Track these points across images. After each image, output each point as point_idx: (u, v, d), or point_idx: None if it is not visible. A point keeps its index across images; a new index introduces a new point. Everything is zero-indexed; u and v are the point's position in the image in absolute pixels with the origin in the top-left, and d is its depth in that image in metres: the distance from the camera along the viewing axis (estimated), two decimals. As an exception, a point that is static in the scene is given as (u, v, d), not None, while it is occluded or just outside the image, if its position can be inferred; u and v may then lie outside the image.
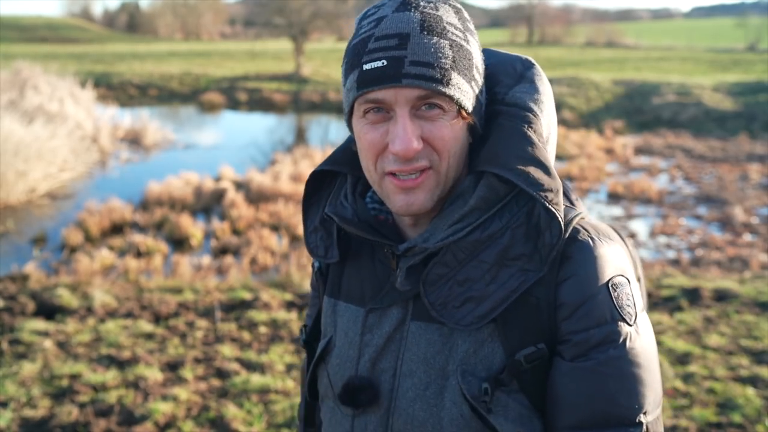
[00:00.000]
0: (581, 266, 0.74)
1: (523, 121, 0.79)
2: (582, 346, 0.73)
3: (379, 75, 0.72)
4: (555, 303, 0.74)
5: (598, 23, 50.36)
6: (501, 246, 0.75)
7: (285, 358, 3.57)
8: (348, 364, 0.84)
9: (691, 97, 15.65)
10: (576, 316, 0.73)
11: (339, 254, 0.85)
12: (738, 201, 7.82)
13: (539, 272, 0.74)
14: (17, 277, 4.94)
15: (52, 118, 10.21)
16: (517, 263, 0.74)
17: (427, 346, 0.78)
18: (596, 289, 0.74)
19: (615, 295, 0.74)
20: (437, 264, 0.76)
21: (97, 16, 64.04)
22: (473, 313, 0.74)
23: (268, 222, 6.73)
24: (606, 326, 0.73)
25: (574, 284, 0.74)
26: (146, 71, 21.97)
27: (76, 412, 2.96)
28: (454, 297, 0.75)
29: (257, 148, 11.20)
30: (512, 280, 0.74)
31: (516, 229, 0.75)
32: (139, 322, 4.02)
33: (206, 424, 2.91)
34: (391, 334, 0.80)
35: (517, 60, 0.87)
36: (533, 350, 0.74)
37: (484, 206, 0.76)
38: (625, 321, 0.74)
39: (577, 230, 0.77)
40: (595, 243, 0.76)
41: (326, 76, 21.12)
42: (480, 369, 0.75)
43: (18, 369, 3.38)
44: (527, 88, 0.82)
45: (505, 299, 0.73)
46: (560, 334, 0.75)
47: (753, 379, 3.26)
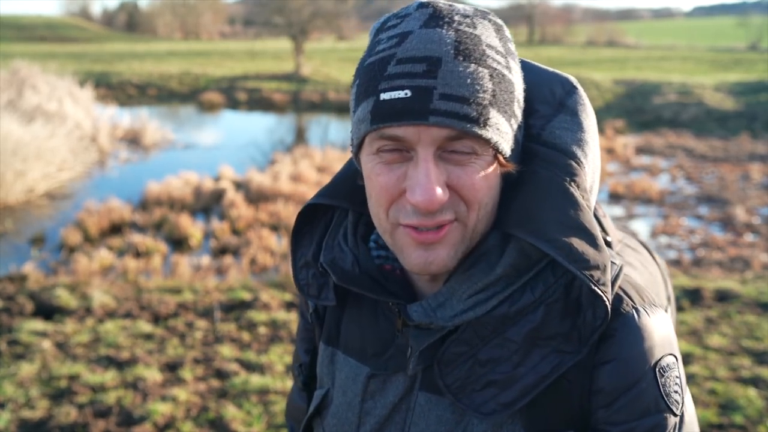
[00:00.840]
0: (625, 348, 0.64)
1: (564, 173, 0.65)
2: None
3: (401, 109, 0.59)
4: (591, 388, 0.64)
5: (598, 23, 50.37)
6: (533, 323, 0.63)
7: (284, 358, 3.56)
8: (347, 428, 0.75)
9: (692, 96, 15.64)
10: (616, 406, 0.64)
11: (335, 298, 0.74)
12: (739, 201, 7.81)
13: (577, 354, 0.63)
14: (16, 278, 4.92)
15: (51, 118, 10.20)
16: (552, 344, 0.63)
17: (438, 424, 0.68)
18: (641, 375, 0.64)
19: (662, 382, 0.64)
20: (455, 341, 0.65)
21: (96, 15, 64.05)
22: (496, 399, 0.63)
23: (267, 222, 6.71)
24: (651, 418, 0.64)
25: (615, 369, 0.64)
26: (145, 71, 21.96)
27: (75, 412, 2.95)
28: (475, 379, 0.64)
29: (257, 148, 11.18)
30: (544, 364, 0.63)
31: (552, 304, 0.63)
32: (138, 323, 4.01)
33: (205, 425, 2.90)
34: (396, 404, 0.71)
35: (556, 81, 0.71)
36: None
37: (513, 274, 0.64)
38: (672, 411, 0.65)
39: (620, 300, 0.65)
40: (640, 316, 0.65)
41: (326, 76, 21.11)
42: None
43: (16, 370, 3.36)
44: (569, 123, 0.68)
45: (535, 386, 0.63)
46: (595, 422, 0.65)
47: (754, 380, 3.25)
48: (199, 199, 7.48)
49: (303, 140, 13.10)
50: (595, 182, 0.71)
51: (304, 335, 0.88)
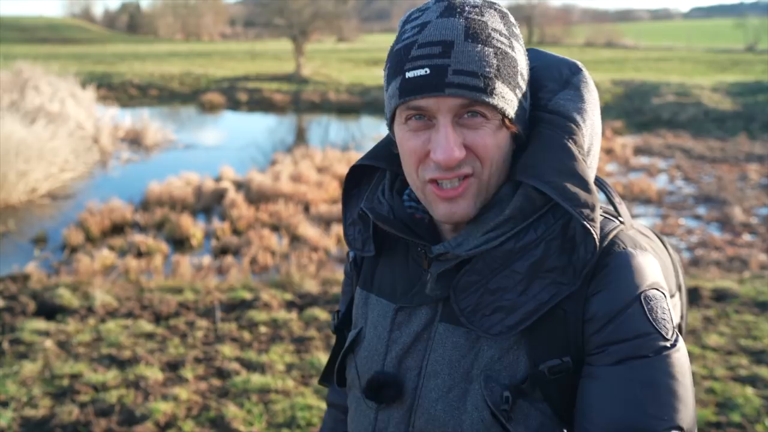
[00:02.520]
0: (613, 279, 0.73)
1: (564, 132, 0.77)
2: (617, 355, 0.72)
3: (422, 83, 0.71)
4: (583, 317, 0.73)
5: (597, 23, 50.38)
6: (535, 257, 0.74)
7: (285, 358, 3.58)
8: (375, 358, 0.85)
9: (690, 97, 15.66)
10: (607, 329, 0.72)
11: (375, 249, 0.86)
12: (737, 201, 7.83)
13: (572, 286, 0.72)
14: (18, 277, 4.95)
15: (53, 119, 10.22)
16: (551, 276, 0.73)
17: (453, 349, 0.78)
18: (628, 301, 0.72)
19: (648, 308, 0.72)
20: (469, 271, 0.76)
21: (98, 16, 64.06)
22: (503, 322, 0.73)
23: (268, 222, 6.74)
24: (641, 338, 0.72)
25: (604, 297, 0.73)
26: (147, 71, 21.98)
27: (77, 411, 2.97)
28: (485, 305, 0.74)
29: (257, 149, 11.21)
30: (544, 293, 0.73)
31: (551, 241, 0.74)
32: (139, 322, 4.03)
33: (206, 424, 2.92)
34: (419, 333, 0.81)
35: (564, 64, 0.84)
36: (558, 363, 0.73)
37: (520, 216, 0.75)
38: (661, 334, 0.72)
39: (614, 242, 0.76)
40: (628, 255, 0.75)
41: (326, 77, 21.13)
42: (503, 376, 0.75)
43: (19, 369, 3.39)
44: (572, 96, 0.80)
45: (536, 311, 0.73)
46: (591, 347, 0.73)
47: (752, 379, 3.27)
48: (200, 199, 7.50)
49: (303, 141, 13.12)
50: (594, 146, 0.81)
51: (345, 289, 1.02)
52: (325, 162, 9.36)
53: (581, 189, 0.73)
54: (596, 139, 0.82)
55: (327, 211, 7.08)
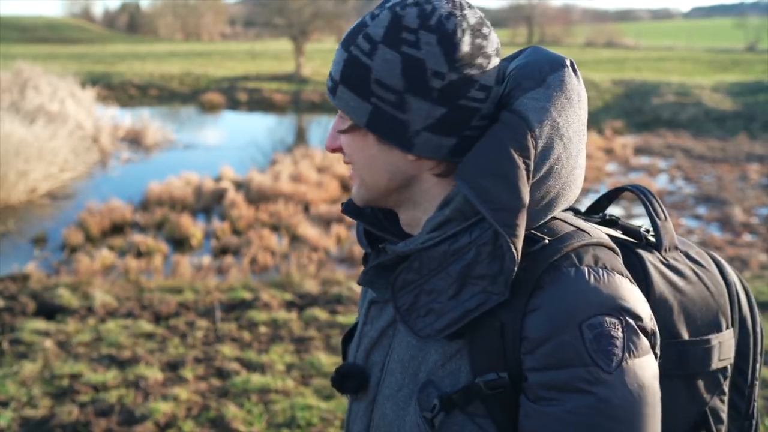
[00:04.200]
0: (552, 300, 0.67)
1: (511, 132, 0.70)
2: (542, 389, 0.66)
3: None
4: (520, 333, 0.68)
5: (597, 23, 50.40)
6: (465, 262, 0.70)
7: (285, 358, 3.58)
8: (353, 350, 0.87)
9: (690, 97, 15.66)
10: (538, 353, 0.66)
11: (368, 245, 0.86)
12: (737, 201, 7.83)
13: (501, 297, 0.68)
14: (18, 277, 4.95)
15: (53, 119, 10.22)
16: (481, 283, 0.69)
17: (407, 349, 0.78)
18: (564, 328, 0.65)
19: (589, 337, 0.65)
20: (406, 269, 0.74)
21: (98, 16, 64.04)
22: (432, 325, 0.71)
23: (268, 222, 6.74)
24: (572, 369, 0.64)
25: (539, 318, 0.67)
26: (146, 71, 21.98)
27: (77, 411, 2.97)
28: (420, 305, 0.73)
29: (257, 149, 11.21)
30: (472, 300, 0.69)
31: (481, 246, 0.69)
32: (139, 322, 4.03)
33: (206, 424, 2.92)
34: (384, 329, 0.82)
35: (547, 61, 0.76)
36: (494, 377, 0.69)
37: (460, 217, 0.71)
38: (599, 366, 0.64)
39: (567, 257, 0.69)
40: (577, 274, 0.67)
41: (326, 77, 21.03)
42: (446, 384, 0.72)
43: (18, 369, 3.39)
44: (539, 95, 0.73)
45: (461, 318, 0.69)
46: (523, 368, 0.68)
47: (751, 379, 3.26)
48: (199, 199, 7.50)
49: (303, 141, 13.11)
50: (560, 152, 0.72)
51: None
52: (325, 162, 9.36)
53: (505, 192, 0.68)
54: (566, 145, 0.73)
55: (327, 211, 7.08)
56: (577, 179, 0.76)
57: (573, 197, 0.76)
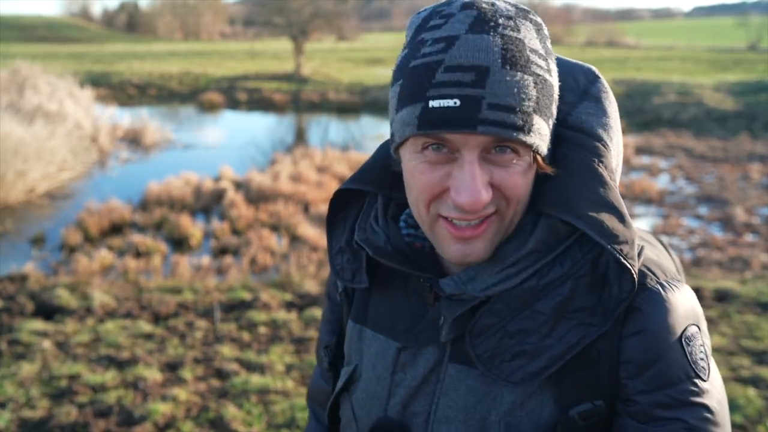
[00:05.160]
0: (651, 320, 0.66)
1: (592, 155, 0.68)
2: (656, 409, 0.66)
3: (450, 117, 0.61)
4: (618, 358, 0.67)
5: (598, 23, 50.43)
6: (561, 296, 0.66)
7: (285, 358, 3.56)
8: (376, 401, 0.78)
9: (691, 96, 15.65)
10: (646, 376, 0.66)
11: (368, 280, 0.78)
12: (739, 201, 7.81)
13: (602, 327, 0.66)
14: (16, 277, 4.93)
15: (52, 118, 10.20)
16: (578, 316, 0.66)
17: (468, 394, 0.71)
18: (668, 345, 0.66)
19: (689, 350, 0.67)
20: (486, 313, 0.68)
21: (97, 15, 64.05)
22: (525, 369, 0.66)
23: (267, 222, 6.72)
24: (681, 385, 0.66)
25: (643, 341, 0.66)
26: (145, 71, 21.96)
27: (75, 412, 2.95)
28: (504, 350, 0.67)
29: (257, 148, 11.20)
30: (571, 335, 0.66)
31: (579, 278, 0.67)
32: (138, 323, 4.01)
33: (206, 425, 2.90)
34: (426, 375, 0.73)
35: (579, 70, 0.75)
36: (590, 407, 0.67)
37: (543, 250, 0.67)
38: (701, 377, 0.67)
39: (644, 275, 0.69)
40: (665, 291, 0.68)
41: (326, 76, 21.11)
42: (525, 423, 0.69)
43: (17, 369, 3.37)
44: (594, 109, 0.71)
45: (563, 356, 0.66)
46: (625, 392, 0.68)
47: (754, 380, 3.25)
48: (199, 199, 7.48)
49: (303, 140, 13.10)
50: (619, 164, 0.74)
51: (330, 317, 0.91)
52: (324, 162, 9.34)
53: (618, 222, 0.65)
54: (620, 158, 0.75)
55: (327, 211, 7.06)
56: None
57: None
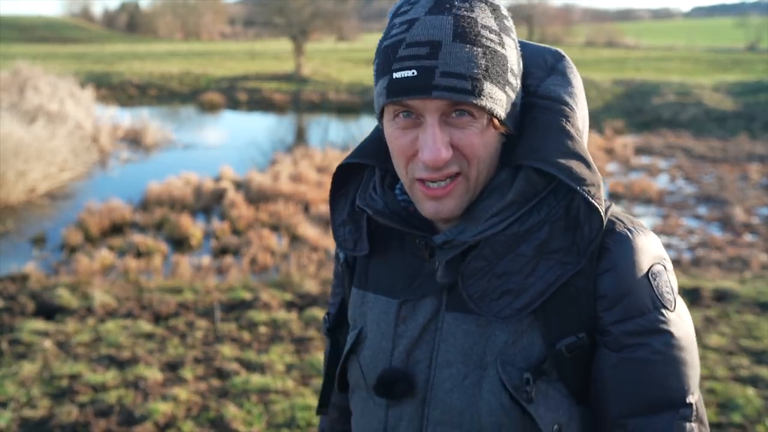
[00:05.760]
0: (620, 258, 0.75)
1: (560, 115, 0.78)
2: (627, 337, 0.75)
3: (409, 85, 0.71)
4: (595, 294, 0.75)
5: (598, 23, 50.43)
6: (539, 239, 0.75)
7: (285, 358, 3.57)
8: (381, 355, 0.84)
9: (691, 97, 15.65)
10: (618, 307, 0.75)
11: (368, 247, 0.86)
12: (738, 201, 7.82)
13: (577, 265, 0.74)
14: (17, 277, 4.94)
15: (52, 118, 10.21)
16: (556, 256, 0.75)
17: (465, 337, 0.78)
18: (636, 280, 0.75)
19: (655, 284, 0.76)
20: (476, 257, 0.76)
21: (97, 16, 64.03)
22: (511, 305, 0.75)
23: (268, 222, 6.73)
24: (649, 315, 0.75)
25: (613, 276, 0.75)
26: (146, 71, 21.97)
27: (76, 412, 2.96)
28: (492, 290, 0.75)
29: (257, 148, 11.20)
30: (550, 273, 0.74)
31: (555, 222, 0.75)
32: (138, 322, 4.02)
33: (206, 424, 2.91)
34: (425, 324, 0.81)
35: (546, 52, 0.85)
36: (574, 340, 0.75)
37: (522, 200, 0.76)
38: (667, 308, 0.75)
39: (613, 222, 0.78)
40: (632, 234, 0.77)
41: (326, 76, 21.11)
42: (519, 359, 0.76)
43: (18, 369, 3.38)
44: (560, 81, 0.81)
45: (544, 292, 0.74)
46: (601, 324, 0.76)
47: (753, 379, 3.26)
48: (199, 199, 7.49)
49: (303, 140, 13.11)
50: (585, 126, 0.83)
51: (334, 291, 1.01)
52: (325, 162, 9.35)
53: (585, 168, 0.74)
54: (585, 125, 0.83)
55: (327, 211, 7.08)
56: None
57: None
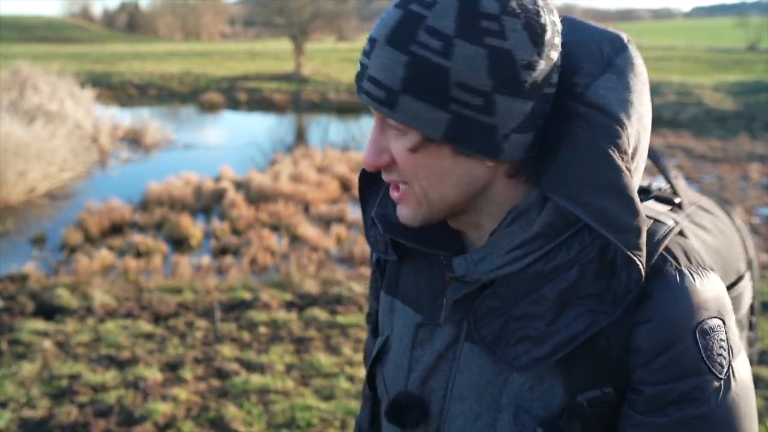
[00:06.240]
0: (664, 308, 0.63)
1: (605, 135, 0.63)
2: (657, 401, 0.63)
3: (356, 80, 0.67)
4: (628, 347, 0.64)
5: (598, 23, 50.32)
6: (567, 282, 0.64)
7: (285, 358, 3.57)
8: (401, 373, 0.79)
9: (691, 96, 15.65)
10: (653, 365, 0.63)
11: (396, 255, 0.78)
12: (738, 201, 7.82)
13: (611, 315, 0.63)
14: (17, 277, 4.93)
15: (52, 118, 10.21)
16: (586, 303, 0.64)
17: (480, 374, 0.70)
18: (680, 336, 0.63)
19: (703, 344, 0.63)
20: (490, 296, 0.67)
21: (97, 15, 64.05)
22: (529, 354, 0.65)
23: (268, 222, 6.72)
24: (689, 380, 0.62)
25: (653, 329, 0.63)
26: (146, 71, 21.97)
27: (76, 412, 2.96)
28: (509, 333, 0.66)
29: (257, 148, 11.20)
30: (578, 322, 0.63)
31: (586, 264, 0.64)
32: (138, 322, 4.02)
33: (206, 425, 2.91)
34: (442, 352, 0.73)
35: (605, 38, 0.68)
36: (598, 394, 0.65)
37: (550, 233, 0.65)
38: (714, 374, 0.63)
39: (664, 260, 0.64)
40: (683, 278, 0.64)
41: (326, 76, 21.12)
42: (537, 407, 0.67)
43: (17, 369, 3.37)
44: (614, 83, 0.65)
45: (569, 342, 0.64)
46: (632, 380, 0.65)
47: (754, 380, 3.25)
48: (199, 199, 7.49)
49: (303, 140, 13.10)
50: (641, 144, 0.68)
51: (373, 285, 0.94)
52: (325, 162, 9.34)
53: (625, 210, 0.61)
54: (644, 135, 0.68)
55: (327, 211, 7.07)
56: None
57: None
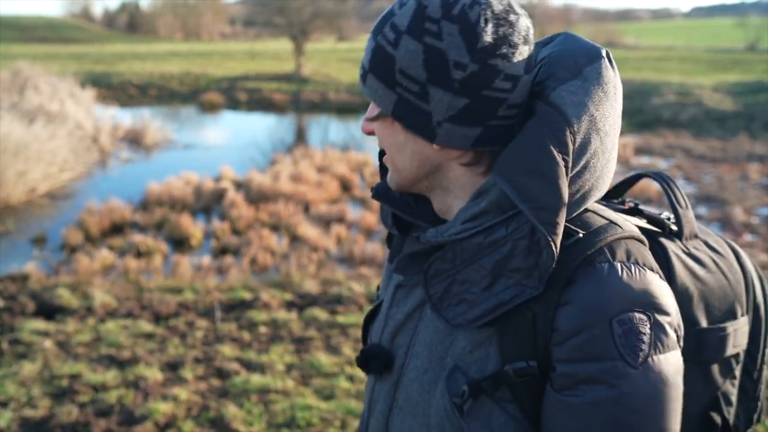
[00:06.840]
0: (582, 294, 0.68)
1: (549, 128, 0.70)
2: (568, 378, 0.68)
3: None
4: (551, 325, 0.70)
5: (598, 23, 50.46)
6: (500, 255, 0.71)
7: (285, 358, 3.57)
8: (377, 331, 0.88)
9: (691, 97, 15.66)
10: (567, 345, 0.68)
11: (397, 229, 0.88)
12: (738, 201, 7.83)
13: (535, 290, 0.69)
14: (17, 277, 4.94)
15: (52, 119, 10.21)
16: (516, 276, 0.70)
17: (434, 334, 0.79)
18: (596, 321, 0.67)
19: (618, 332, 0.66)
20: (439, 259, 0.75)
21: (98, 16, 64.03)
22: (464, 315, 0.72)
23: (268, 222, 6.73)
24: (598, 363, 0.66)
25: (571, 311, 0.68)
26: (146, 71, 21.97)
27: (76, 412, 2.97)
28: (452, 295, 0.74)
29: (257, 148, 11.21)
30: (506, 292, 0.70)
31: (518, 240, 0.70)
32: (139, 322, 4.02)
33: (206, 424, 2.92)
34: (410, 312, 0.83)
35: (583, 50, 0.76)
36: (524, 366, 0.70)
37: (496, 210, 0.72)
38: (626, 361, 0.66)
39: (600, 252, 0.70)
40: (611, 270, 0.68)
41: (326, 76, 21.12)
42: (473, 369, 0.74)
43: (18, 369, 3.38)
44: (576, 88, 0.72)
45: (494, 310, 0.70)
46: (551, 358, 0.70)
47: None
48: (199, 199, 7.49)
49: (303, 140, 13.11)
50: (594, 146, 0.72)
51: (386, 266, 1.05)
52: (325, 162, 9.35)
53: (546, 192, 0.68)
54: (599, 138, 0.73)
55: (327, 211, 7.08)
56: (610, 171, 0.76)
57: (605, 189, 0.76)
